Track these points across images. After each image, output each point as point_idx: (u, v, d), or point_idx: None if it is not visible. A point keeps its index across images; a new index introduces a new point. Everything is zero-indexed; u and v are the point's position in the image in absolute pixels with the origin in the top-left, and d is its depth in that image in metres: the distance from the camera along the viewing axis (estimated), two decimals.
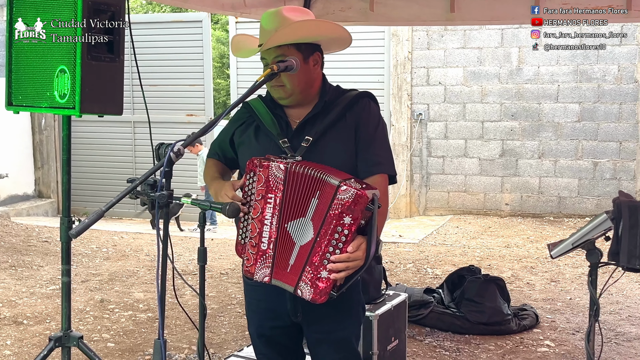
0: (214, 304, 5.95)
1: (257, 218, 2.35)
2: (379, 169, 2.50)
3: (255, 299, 2.63)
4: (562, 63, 9.65)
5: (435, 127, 10.25)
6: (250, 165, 2.37)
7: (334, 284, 2.26)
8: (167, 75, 10.31)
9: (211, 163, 2.74)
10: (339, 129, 2.51)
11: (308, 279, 2.27)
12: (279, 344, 2.66)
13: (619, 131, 9.49)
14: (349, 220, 2.20)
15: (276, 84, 2.48)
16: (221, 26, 20.76)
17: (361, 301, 2.69)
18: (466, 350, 4.86)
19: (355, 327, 2.66)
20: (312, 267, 2.26)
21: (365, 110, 2.55)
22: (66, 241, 3.12)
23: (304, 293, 2.29)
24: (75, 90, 2.87)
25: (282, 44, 2.44)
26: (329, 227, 2.23)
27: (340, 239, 2.22)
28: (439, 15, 5.60)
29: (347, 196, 2.19)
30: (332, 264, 2.23)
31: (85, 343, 3.17)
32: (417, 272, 7.11)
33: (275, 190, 2.31)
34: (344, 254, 2.22)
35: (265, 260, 2.35)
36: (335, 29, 2.53)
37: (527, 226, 9.36)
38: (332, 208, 2.22)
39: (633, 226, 2.82)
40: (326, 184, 2.25)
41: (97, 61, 2.94)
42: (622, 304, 5.90)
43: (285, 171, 2.30)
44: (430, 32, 10.15)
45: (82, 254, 7.73)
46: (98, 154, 10.88)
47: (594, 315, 2.97)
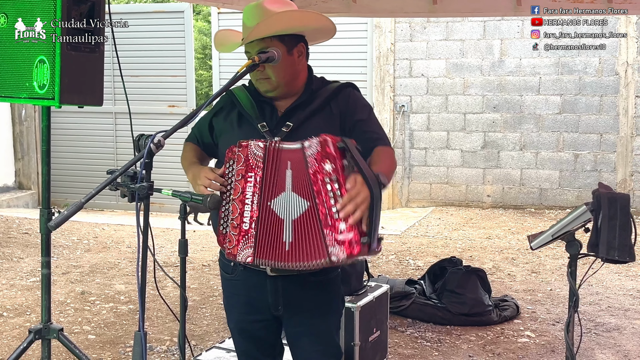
0: (196, 295, 5.94)
1: (237, 198, 2.32)
2: (381, 143, 2.52)
3: (235, 293, 2.62)
4: (543, 55, 9.68)
5: (418, 119, 10.26)
6: (230, 153, 2.36)
7: (359, 229, 2.18)
8: (149, 66, 10.24)
9: (189, 147, 2.71)
10: (322, 116, 2.52)
11: (334, 240, 2.19)
12: (259, 338, 2.65)
13: (599, 123, 9.56)
14: (330, 167, 2.19)
15: (262, 77, 2.47)
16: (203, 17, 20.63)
17: (341, 293, 2.70)
18: (447, 341, 4.89)
19: (335, 319, 2.67)
20: (329, 228, 2.20)
21: (352, 99, 2.57)
22: (46, 233, 3.10)
23: (339, 256, 2.19)
24: (55, 81, 2.85)
25: (265, 37, 2.43)
26: (317, 184, 2.21)
27: (334, 187, 2.19)
28: (422, 7, 5.61)
29: (314, 149, 2.21)
30: (341, 212, 2.17)
31: (66, 335, 3.16)
32: (399, 263, 7.13)
33: (255, 168, 2.29)
34: (346, 196, 2.18)
35: (248, 240, 2.30)
36: (319, 19, 2.53)
37: (509, 218, 9.42)
38: (310, 167, 2.21)
39: (612, 218, 2.84)
40: (291, 151, 2.25)
41: (77, 51, 2.91)
42: (601, 294, 5.96)
43: (265, 149, 2.28)
44: (412, 24, 10.15)
45: (62, 246, 7.68)
46: (79, 145, 10.80)
47: (574, 306, 2.99)
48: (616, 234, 2.83)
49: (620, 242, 2.84)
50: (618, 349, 4.74)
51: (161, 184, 2.33)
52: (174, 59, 10.19)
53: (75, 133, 10.74)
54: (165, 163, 6.44)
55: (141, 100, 9.91)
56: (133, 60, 9.71)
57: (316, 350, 2.60)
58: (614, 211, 2.85)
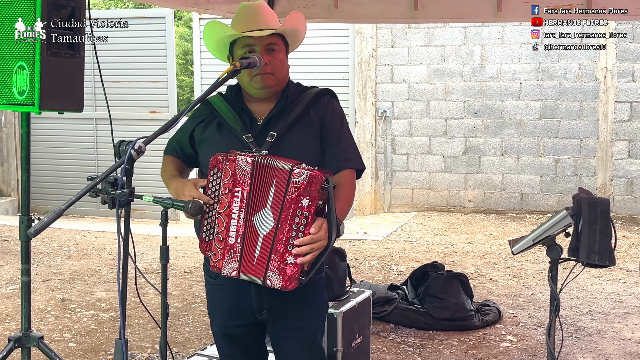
0: (178, 302, 5.91)
1: (224, 212, 2.33)
2: (349, 165, 2.56)
3: (219, 297, 2.62)
4: (524, 61, 9.75)
5: (400, 124, 10.29)
6: (214, 161, 2.36)
7: (301, 268, 2.25)
8: (130, 72, 10.18)
9: (169, 160, 2.70)
10: (303, 125, 2.53)
11: (275, 267, 2.26)
12: (243, 342, 2.65)
13: (579, 128, 9.63)
14: (307, 202, 2.22)
15: (267, 71, 2.49)
16: (185, 23, 20.60)
17: (325, 297, 2.71)
18: (430, 346, 4.90)
19: (320, 323, 2.68)
20: (278, 255, 2.26)
21: (329, 108, 2.59)
22: (25, 240, 3.07)
23: (273, 282, 2.28)
24: (35, 87, 2.82)
25: (276, 32, 2.51)
26: (288, 212, 2.24)
27: (301, 222, 2.23)
28: (403, 12, 5.62)
29: (301, 178, 2.22)
30: (296, 248, 2.24)
31: (46, 343, 3.12)
32: (381, 268, 7.14)
33: (242, 183, 2.30)
34: (307, 237, 2.23)
35: (233, 254, 2.32)
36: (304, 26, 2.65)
37: (490, 222, 9.46)
38: (289, 192, 2.23)
39: (592, 222, 2.86)
40: (279, 170, 2.27)
41: (57, 57, 2.89)
42: (582, 299, 5.99)
43: (253, 164, 2.29)
44: (394, 30, 10.19)
45: (43, 253, 7.62)
46: (60, 152, 10.70)
47: (555, 310, 3.01)
48: (596, 238, 2.86)
49: (600, 247, 2.86)
50: (599, 352, 4.77)
51: (142, 191, 2.32)
52: (155, 65, 10.14)
53: (56, 139, 10.65)
54: (147, 169, 6.40)
55: (122, 106, 9.85)
56: (114, 66, 9.64)
57: (301, 355, 2.60)
58: (594, 216, 2.87)
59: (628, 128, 9.44)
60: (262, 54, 2.46)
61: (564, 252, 2.99)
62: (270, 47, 2.50)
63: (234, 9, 5.55)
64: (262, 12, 2.55)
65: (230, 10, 5.64)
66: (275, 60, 2.51)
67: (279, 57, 2.53)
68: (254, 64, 2.42)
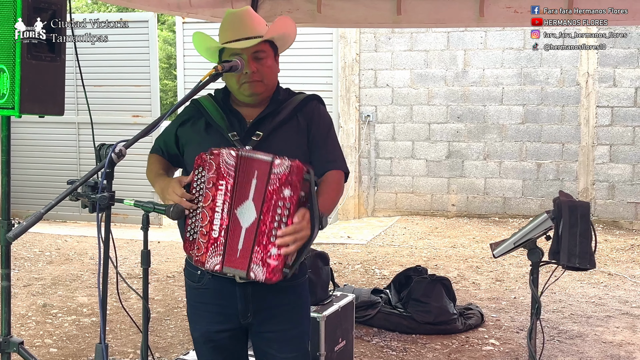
0: (160, 307, 5.88)
1: (207, 206, 2.32)
2: (334, 166, 2.56)
3: (202, 302, 2.58)
4: (506, 66, 9.81)
5: (383, 128, 10.32)
6: (199, 160, 2.35)
7: (285, 260, 2.24)
8: (113, 75, 10.13)
9: (154, 159, 2.69)
10: (290, 127, 2.54)
11: (259, 259, 2.25)
12: (226, 348, 2.61)
13: (561, 133, 9.69)
14: (288, 193, 2.21)
15: (254, 79, 2.50)
16: (168, 27, 20.55)
17: (309, 300, 2.70)
18: (413, 350, 4.90)
19: (306, 326, 2.67)
20: (261, 247, 2.25)
21: (316, 113, 2.61)
22: (5, 245, 3.05)
23: (257, 274, 2.26)
24: (15, 90, 2.80)
25: (264, 39, 2.51)
26: (270, 203, 2.23)
27: (284, 213, 2.22)
28: (386, 17, 5.64)
29: (282, 169, 2.22)
30: (279, 239, 2.22)
31: (26, 349, 3.10)
32: (365, 272, 7.15)
33: (226, 177, 2.29)
34: (290, 227, 2.22)
35: (217, 248, 2.31)
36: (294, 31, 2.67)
37: (473, 226, 9.49)
38: (270, 183, 2.23)
39: (573, 225, 2.88)
40: (261, 161, 2.27)
41: (38, 60, 2.87)
42: (564, 302, 6.03)
43: (237, 157, 2.29)
44: (377, 35, 10.22)
45: (24, 258, 7.56)
46: (42, 156, 10.63)
47: (536, 313, 3.02)
48: (577, 241, 2.87)
49: (581, 250, 2.88)
50: (581, 355, 4.80)
51: (124, 194, 2.31)
52: (139, 69, 10.10)
53: (37, 143, 10.57)
54: (128, 173, 6.38)
55: (105, 110, 9.79)
56: (96, 69, 9.60)
57: (287, 358, 2.57)
58: (574, 219, 2.89)
59: (609, 132, 9.51)
60: (250, 62, 2.47)
61: (545, 255, 3.01)
62: (256, 56, 2.50)
63: (217, 12, 5.54)
64: (248, 19, 2.55)
65: (213, 15, 5.63)
66: (263, 67, 2.51)
67: (267, 64, 2.53)
68: (236, 67, 2.42)
